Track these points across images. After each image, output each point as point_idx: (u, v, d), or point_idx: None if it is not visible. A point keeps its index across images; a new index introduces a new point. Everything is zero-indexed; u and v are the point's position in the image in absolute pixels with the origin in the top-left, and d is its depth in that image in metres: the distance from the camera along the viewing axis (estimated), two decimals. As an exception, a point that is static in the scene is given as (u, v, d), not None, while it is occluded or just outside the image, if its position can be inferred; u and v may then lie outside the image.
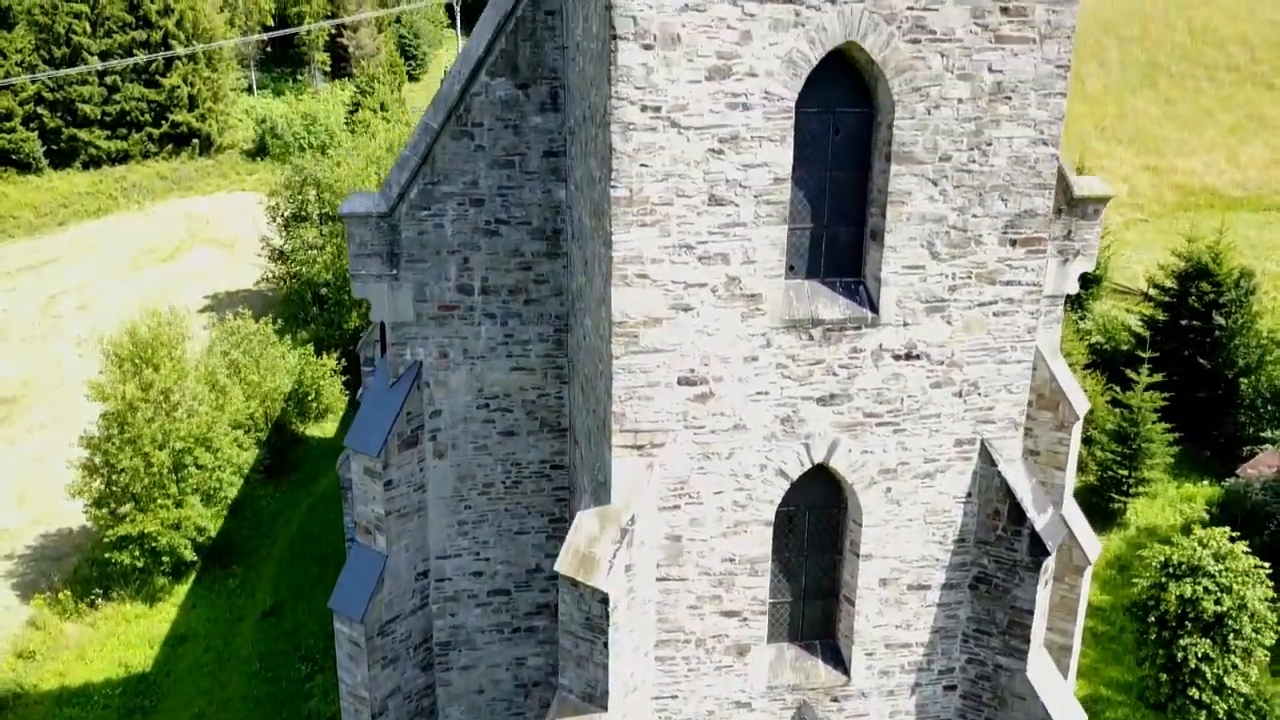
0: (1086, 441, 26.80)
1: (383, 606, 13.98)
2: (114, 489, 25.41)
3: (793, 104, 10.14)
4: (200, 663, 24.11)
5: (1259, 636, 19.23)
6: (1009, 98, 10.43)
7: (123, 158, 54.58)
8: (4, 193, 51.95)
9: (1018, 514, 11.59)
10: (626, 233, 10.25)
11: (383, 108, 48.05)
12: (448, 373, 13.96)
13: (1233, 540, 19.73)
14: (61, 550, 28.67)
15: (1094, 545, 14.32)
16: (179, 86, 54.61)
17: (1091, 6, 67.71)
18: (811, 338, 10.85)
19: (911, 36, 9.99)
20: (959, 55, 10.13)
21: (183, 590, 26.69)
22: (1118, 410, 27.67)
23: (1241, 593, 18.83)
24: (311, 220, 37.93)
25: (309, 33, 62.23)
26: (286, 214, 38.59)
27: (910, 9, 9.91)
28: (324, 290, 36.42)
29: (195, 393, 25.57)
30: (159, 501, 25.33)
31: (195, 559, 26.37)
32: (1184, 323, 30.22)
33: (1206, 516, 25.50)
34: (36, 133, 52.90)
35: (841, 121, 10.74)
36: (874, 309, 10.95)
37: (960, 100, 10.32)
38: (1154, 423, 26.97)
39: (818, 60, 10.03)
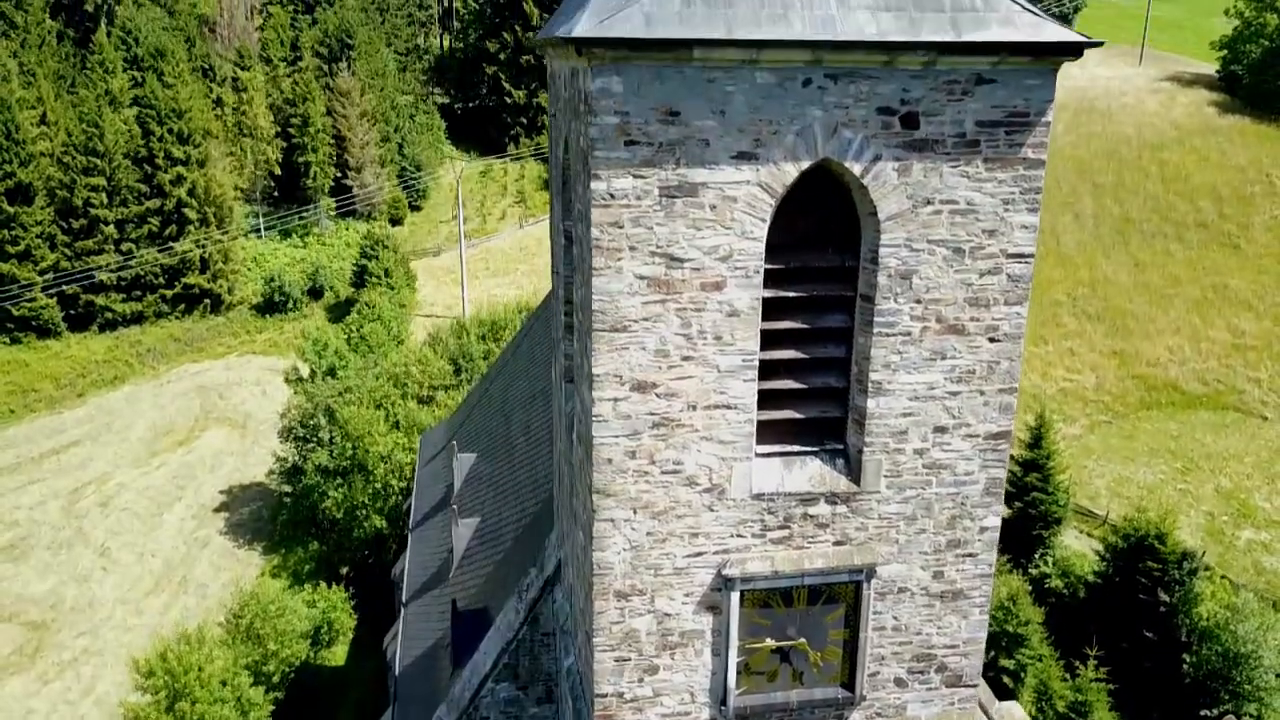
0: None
1: None
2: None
3: None
4: None
5: None
6: None
7: (137, 318, 56.96)
8: (24, 361, 54.40)
9: None
10: None
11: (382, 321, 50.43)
12: None
13: None
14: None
15: None
16: (191, 250, 56.98)
17: (1069, 149, 70.42)
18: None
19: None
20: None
21: None
22: (1071, 681, 30.26)
23: None
24: (324, 445, 40.28)
25: (314, 178, 64.57)
26: (301, 435, 40.92)
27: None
28: (335, 517, 38.79)
29: (223, 715, 27.88)
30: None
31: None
32: (1136, 587, 32.85)
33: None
34: (55, 299, 55.29)
35: None
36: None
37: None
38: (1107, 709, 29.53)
39: None
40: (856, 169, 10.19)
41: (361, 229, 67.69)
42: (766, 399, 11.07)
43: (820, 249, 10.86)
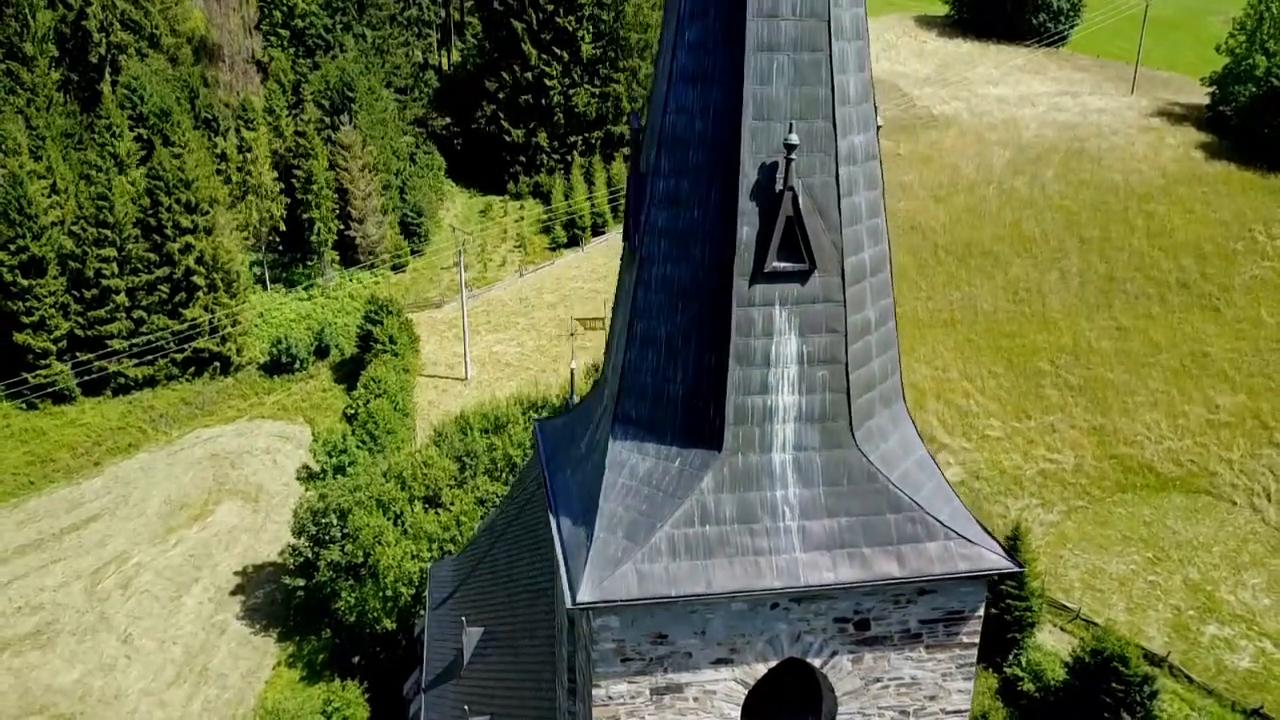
0: None
1: None
2: None
3: None
4: None
5: None
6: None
7: (149, 382, 58.67)
8: (41, 429, 56.19)
9: None
10: None
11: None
12: None
13: None
14: None
15: None
16: (200, 316, 58.57)
17: (1058, 199, 71.82)
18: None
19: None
20: None
21: None
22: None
23: None
24: (336, 541, 42.27)
25: (318, 233, 65.93)
26: (313, 532, 42.88)
27: None
28: (348, 621, 40.89)
29: None
30: None
31: None
32: (1102, 706, 35.15)
33: None
34: (70, 366, 56.98)
35: None
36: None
37: None
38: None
39: None
40: (817, 662, 12.06)
41: (365, 279, 69.18)
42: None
43: (788, 707, 12.76)
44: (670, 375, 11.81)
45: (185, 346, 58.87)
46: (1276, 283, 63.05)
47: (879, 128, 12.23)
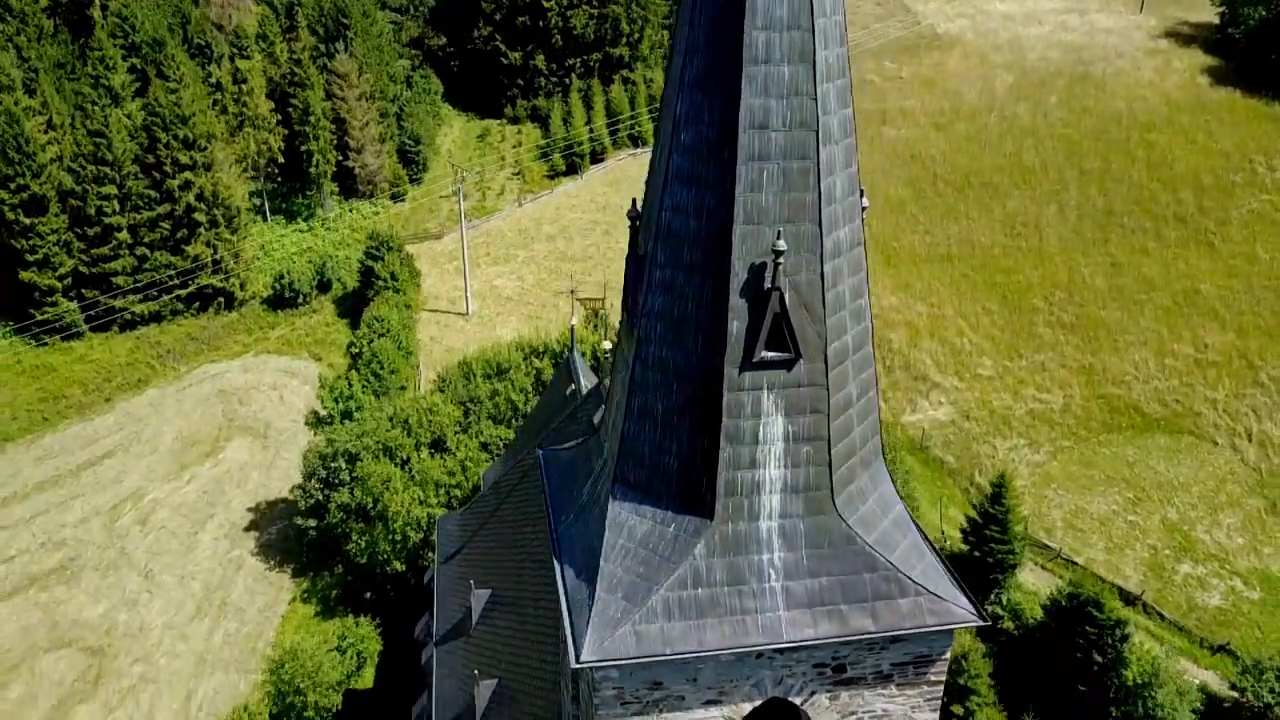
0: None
1: None
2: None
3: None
4: None
5: None
6: None
7: (155, 317, 59.54)
8: (51, 365, 57.30)
9: None
10: None
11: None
12: None
13: None
14: None
15: None
16: (203, 253, 59.05)
17: (1060, 126, 71.37)
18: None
19: None
20: None
21: None
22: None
23: None
24: (345, 484, 43.79)
25: (316, 165, 65.80)
26: (323, 475, 44.36)
27: None
28: (360, 563, 42.69)
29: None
30: None
31: None
32: (1075, 647, 37.19)
33: None
34: (76, 303, 57.76)
35: None
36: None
37: None
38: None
39: None
40: (797, 701, 13.35)
41: (365, 209, 69.33)
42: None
43: (772, 731, 14.12)
44: (666, 448, 12.78)
45: (189, 281, 59.53)
46: (1273, 217, 63.36)
47: (864, 209, 12.88)
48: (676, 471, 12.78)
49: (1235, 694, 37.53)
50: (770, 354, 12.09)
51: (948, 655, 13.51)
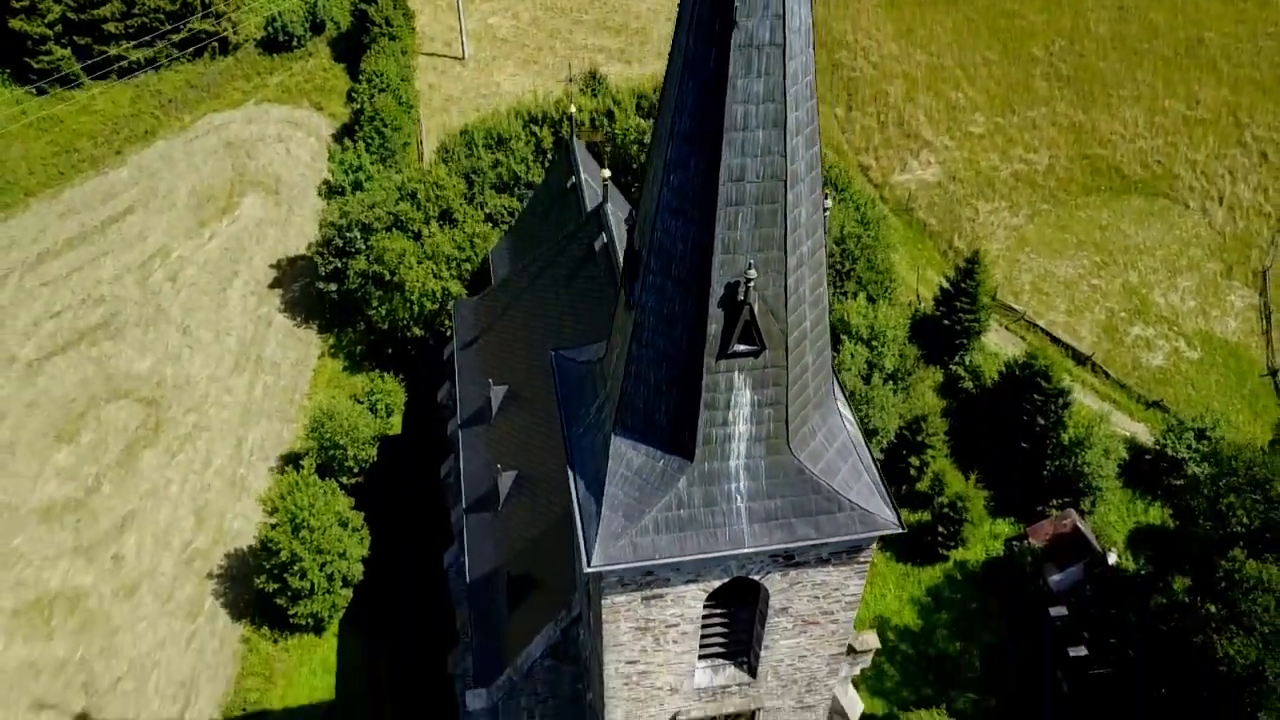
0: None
1: None
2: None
3: None
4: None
5: None
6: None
7: (151, 63, 59.36)
8: (57, 117, 57.97)
9: None
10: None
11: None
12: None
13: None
14: (242, 570, 42.79)
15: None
16: (190, -8, 57.74)
17: None
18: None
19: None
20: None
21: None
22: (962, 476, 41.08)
23: None
24: (361, 252, 46.79)
25: (298, -115, 62.12)
26: (339, 244, 47.18)
27: None
28: (381, 329, 46.58)
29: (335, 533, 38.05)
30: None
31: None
32: (1022, 412, 42.21)
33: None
34: (69, 50, 57.43)
35: None
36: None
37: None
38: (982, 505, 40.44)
39: None
40: (755, 577, 17.52)
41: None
42: (710, 636, 19.27)
43: (740, 596, 18.44)
44: (656, 407, 15.94)
45: (180, 26, 58.68)
46: (1295, -46, 61.11)
47: (827, 211, 15.12)
48: (665, 424, 16.03)
49: (1157, 447, 42.93)
50: (741, 347, 14.94)
51: (873, 546, 17.49)
